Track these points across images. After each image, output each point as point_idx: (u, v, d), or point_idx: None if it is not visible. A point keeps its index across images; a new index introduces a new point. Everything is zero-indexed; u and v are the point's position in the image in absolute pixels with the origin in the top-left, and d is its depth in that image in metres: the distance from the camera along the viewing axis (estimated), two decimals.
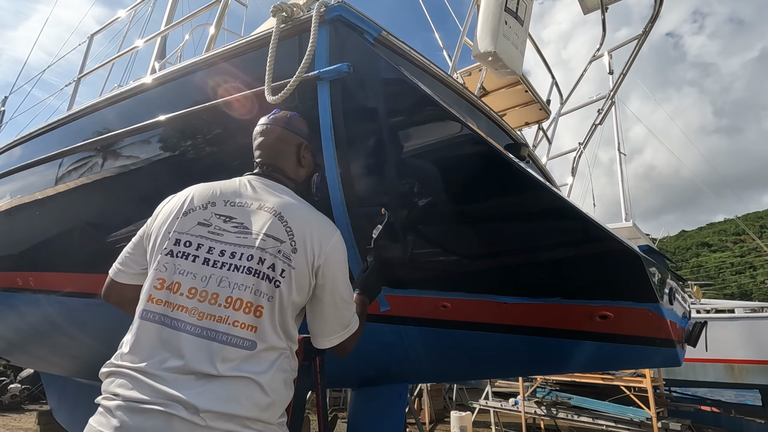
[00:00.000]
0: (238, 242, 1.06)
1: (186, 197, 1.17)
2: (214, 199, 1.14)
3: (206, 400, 0.90)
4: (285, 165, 1.30)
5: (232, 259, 1.04)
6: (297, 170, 1.33)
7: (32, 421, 7.25)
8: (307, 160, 1.35)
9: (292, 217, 1.11)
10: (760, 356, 7.99)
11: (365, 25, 1.56)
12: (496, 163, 1.48)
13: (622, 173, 10.79)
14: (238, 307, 0.99)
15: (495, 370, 2.79)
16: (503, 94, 3.51)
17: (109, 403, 0.93)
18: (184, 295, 1.01)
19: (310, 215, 1.16)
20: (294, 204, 1.17)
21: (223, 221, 1.10)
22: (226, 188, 1.18)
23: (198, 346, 0.96)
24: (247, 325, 0.99)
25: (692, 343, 1.81)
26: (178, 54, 4.25)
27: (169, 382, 0.91)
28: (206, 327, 0.98)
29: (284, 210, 1.12)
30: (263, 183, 1.22)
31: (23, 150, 3.16)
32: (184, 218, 1.11)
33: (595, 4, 3.55)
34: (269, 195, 1.17)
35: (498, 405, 7.89)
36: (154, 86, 2.21)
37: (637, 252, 1.43)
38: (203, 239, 1.07)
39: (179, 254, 1.06)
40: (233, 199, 1.14)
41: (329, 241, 1.13)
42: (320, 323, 1.16)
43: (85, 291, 2.67)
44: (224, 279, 1.02)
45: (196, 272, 1.03)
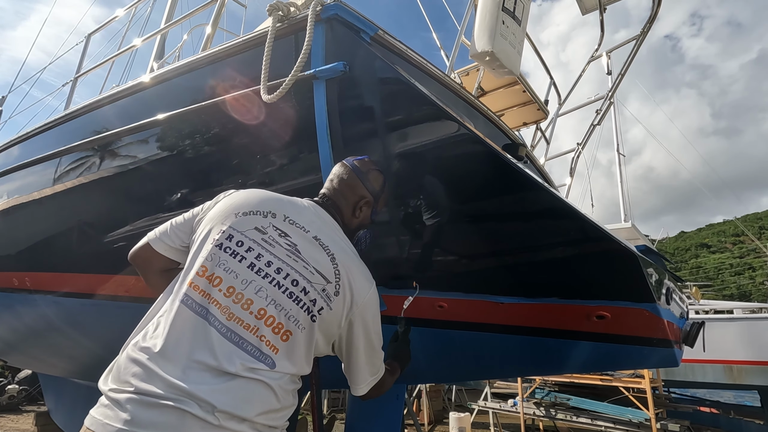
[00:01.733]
0: (287, 261, 1.06)
1: (248, 198, 1.17)
2: (276, 211, 1.14)
3: (223, 399, 0.90)
4: (343, 207, 1.31)
5: (277, 274, 1.04)
6: (350, 218, 1.33)
7: (30, 422, 7.23)
8: (363, 214, 1.36)
9: (342, 262, 1.12)
10: (759, 357, 7.99)
11: (361, 24, 1.56)
12: (494, 163, 1.48)
13: (621, 174, 10.81)
14: (269, 324, 1.00)
15: (493, 371, 2.78)
16: (501, 94, 3.50)
17: (118, 395, 0.90)
18: (222, 292, 1.01)
19: (357, 265, 1.18)
20: (346, 249, 1.19)
21: (278, 235, 1.10)
22: (288, 204, 1.19)
23: (222, 345, 0.96)
24: (272, 344, 0.99)
25: (690, 343, 1.80)
26: (177, 54, 4.24)
27: (189, 376, 0.91)
28: (233, 329, 0.98)
29: (337, 252, 1.13)
30: (321, 213, 1.23)
31: (21, 149, 3.15)
32: (243, 218, 1.11)
33: (594, 4, 3.55)
34: (325, 229, 1.18)
35: (497, 406, 7.89)
36: (152, 85, 2.20)
37: (634, 252, 1.43)
38: (255, 244, 1.07)
39: (228, 250, 1.06)
40: (293, 217, 1.15)
41: (367, 293, 1.15)
42: (354, 370, 1.20)
43: (82, 291, 2.66)
44: (263, 290, 1.02)
45: (238, 272, 1.03)
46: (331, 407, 9.42)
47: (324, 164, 1.55)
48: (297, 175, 1.76)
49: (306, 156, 1.69)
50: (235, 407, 0.91)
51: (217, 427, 0.88)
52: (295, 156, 1.76)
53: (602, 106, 3.75)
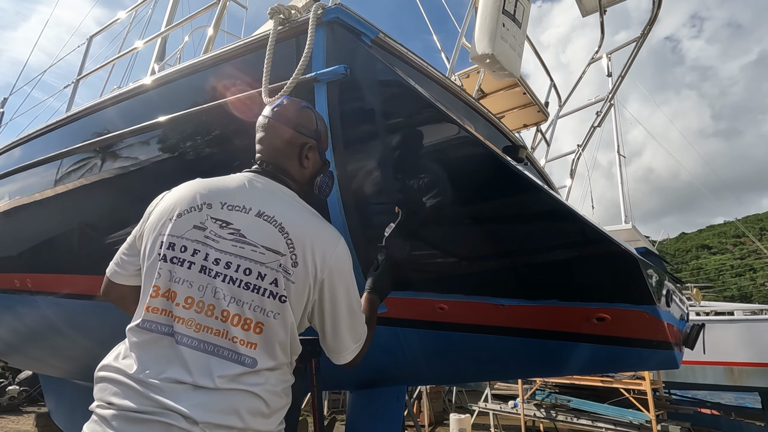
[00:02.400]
0: (234, 252, 0.99)
1: (180, 196, 1.09)
2: (211, 200, 1.05)
3: (204, 412, 0.87)
4: (287, 165, 1.20)
5: (227, 269, 0.97)
6: (300, 171, 1.22)
7: (30, 423, 7.24)
8: (311, 160, 1.23)
9: (293, 228, 1.02)
10: (760, 359, 7.98)
11: (362, 27, 1.56)
12: (494, 166, 1.48)
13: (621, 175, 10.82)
14: (237, 323, 0.95)
15: (493, 373, 2.78)
16: (501, 96, 3.51)
17: (105, 411, 0.90)
18: (180, 305, 0.96)
19: (312, 224, 1.08)
20: (296, 212, 1.09)
21: (219, 226, 1.02)
22: (223, 188, 1.09)
23: (196, 359, 0.92)
24: (246, 342, 0.95)
25: (690, 345, 1.80)
26: (178, 56, 4.26)
27: (166, 393, 0.88)
28: (204, 340, 0.94)
29: (285, 220, 1.03)
30: (264, 184, 1.13)
31: (22, 151, 3.16)
32: (179, 220, 1.04)
33: (594, 6, 3.56)
34: (270, 200, 1.08)
35: (497, 407, 7.88)
36: (153, 87, 2.21)
37: (633, 254, 1.43)
38: (199, 244, 1.00)
39: (174, 260, 0.99)
40: (231, 201, 1.05)
41: (332, 252, 1.06)
42: (335, 339, 1.10)
43: (83, 293, 2.66)
44: (219, 290, 0.96)
45: (192, 281, 0.98)
46: (332, 408, 9.41)
47: None
48: None
49: None
50: (219, 418, 0.88)
51: None
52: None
53: (602, 107, 3.76)
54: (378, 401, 2.44)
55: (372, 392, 2.45)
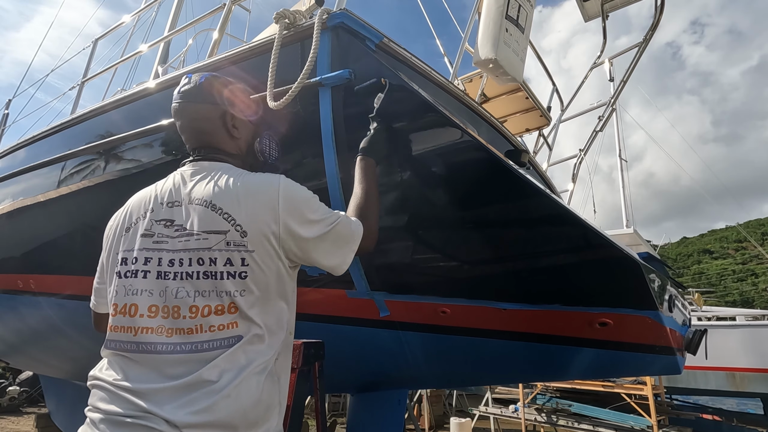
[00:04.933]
0: (182, 247, 0.97)
1: (125, 211, 1.10)
2: (152, 205, 1.05)
3: (185, 414, 0.87)
4: (217, 142, 1.14)
5: (181, 266, 0.96)
6: (233, 143, 1.16)
7: (30, 424, 7.23)
8: (239, 129, 1.17)
9: (224, 200, 0.99)
10: (762, 364, 7.95)
11: (367, 32, 1.57)
12: (496, 170, 1.49)
13: (623, 180, 10.81)
14: (207, 313, 0.93)
15: (494, 377, 2.78)
16: (504, 100, 3.52)
17: (93, 415, 0.94)
18: (144, 316, 0.95)
19: (243, 185, 1.02)
20: (222, 182, 1.03)
21: (164, 227, 1.01)
22: (161, 188, 1.08)
23: (174, 362, 0.92)
24: (225, 324, 0.94)
25: (692, 350, 1.80)
26: (182, 59, 4.28)
27: (147, 398, 0.89)
28: (179, 342, 0.93)
29: (214, 197, 1.00)
30: (195, 169, 1.09)
31: (26, 153, 3.18)
32: (127, 234, 1.04)
33: (596, 11, 3.58)
34: (199, 184, 1.04)
35: (498, 411, 7.86)
36: (157, 90, 2.22)
37: (636, 259, 1.44)
38: (150, 251, 0.99)
39: (129, 274, 0.99)
40: (169, 199, 1.04)
41: (275, 199, 1.01)
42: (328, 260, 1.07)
43: (85, 294, 2.66)
44: (181, 289, 0.95)
45: (152, 289, 0.96)
46: (332, 411, 9.39)
47: (329, 170, 1.57)
48: (302, 181, 1.77)
49: (311, 162, 1.70)
50: (200, 418, 0.88)
51: None
52: (300, 162, 1.77)
53: (604, 112, 3.77)
54: (379, 404, 2.44)
55: (373, 395, 2.45)
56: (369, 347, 1.99)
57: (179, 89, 1.16)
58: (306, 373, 1.40)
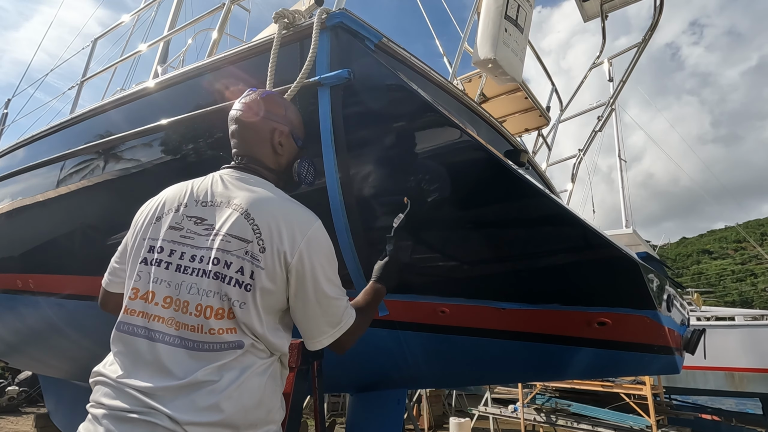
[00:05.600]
0: (207, 245, 1.00)
1: (159, 201, 1.13)
2: (186, 200, 1.08)
3: (187, 412, 0.88)
4: (260, 154, 1.19)
5: (200, 263, 0.99)
6: (275, 159, 1.20)
7: (29, 424, 7.22)
8: (285, 147, 1.21)
9: (259, 213, 1.02)
10: (761, 364, 7.96)
11: (366, 31, 1.57)
12: (495, 170, 1.49)
13: (622, 180, 10.82)
14: (209, 315, 0.95)
15: (494, 376, 2.78)
16: (503, 100, 3.52)
17: (96, 411, 0.94)
18: (159, 305, 0.98)
19: (282, 208, 1.06)
20: (264, 198, 1.06)
21: (194, 223, 1.04)
22: (197, 187, 1.11)
23: (177, 358, 0.93)
24: (225, 329, 0.95)
25: (690, 350, 1.80)
26: (181, 58, 4.28)
27: (151, 395, 0.90)
28: (183, 337, 0.95)
29: (252, 206, 1.03)
30: (236, 176, 1.13)
31: (26, 152, 3.18)
32: (158, 223, 1.07)
33: (595, 11, 3.58)
34: (239, 190, 1.08)
35: (497, 411, 7.86)
36: (157, 90, 2.22)
37: (634, 259, 1.44)
38: (175, 244, 1.02)
39: (153, 261, 1.02)
40: (204, 198, 1.07)
41: (304, 234, 1.03)
42: (306, 323, 1.07)
43: (84, 294, 2.67)
44: (193, 286, 0.97)
45: (170, 280, 0.99)
46: (332, 411, 9.39)
47: (328, 170, 1.57)
48: None
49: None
50: (202, 416, 0.89)
51: None
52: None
53: (604, 112, 3.77)
54: (378, 404, 2.44)
55: (372, 395, 2.45)
56: (368, 347, 1.98)
57: (241, 99, 1.23)
58: (304, 373, 1.40)
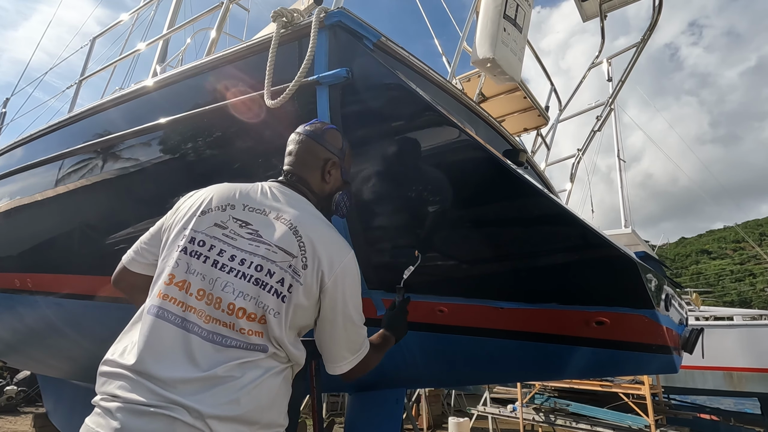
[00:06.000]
0: (249, 249, 1.04)
1: (207, 196, 1.16)
2: (234, 202, 1.13)
3: (210, 405, 0.89)
4: (309, 177, 1.26)
5: (241, 265, 1.02)
6: (321, 185, 1.28)
7: (28, 423, 7.21)
8: (333, 176, 1.30)
9: (306, 232, 1.08)
10: (760, 364, 7.97)
11: (364, 30, 1.57)
12: (494, 169, 1.49)
13: (621, 180, 10.82)
14: (242, 316, 0.98)
15: (492, 376, 2.78)
16: (502, 100, 3.52)
17: (109, 404, 0.91)
18: (193, 296, 1.00)
19: (326, 232, 1.13)
20: (311, 218, 1.14)
21: (239, 226, 1.08)
22: (247, 192, 1.17)
23: (205, 350, 0.95)
24: (254, 331, 0.99)
25: (689, 349, 1.81)
26: (180, 58, 4.27)
27: (172, 387, 0.90)
28: (213, 331, 0.97)
29: (300, 223, 1.09)
30: (284, 191, 1.20)
31: (24, 151, 3.17)
32: (202, 217, 1.10)
33: (594, 11, 3.58)
34: (288, 205, 1.14)
35: (496, 411, 7.86)
36: (155, 89, 2.22)
37: (633, 258, 1.44)
38: (217, 241, 1.06)
39: (192, 253, 1.05)
40: (252, 204, 1.13)
41: (341, 261, 1.10)
42: (330, 346, 1.14)
43: (83, 293, 2.67)
44: (229, 284, 1.00)
45: (205, 273, 1.02)
46: (330, 411, 9.39)
47: None
48: None
49: None
50: (224, 410, 0.90)
51: None
52: None
53: (602, 112, 3.77)
54: (377, 404, 2.44)
55: (371, 395, 2.45)
56: None
57: (306, 126, 1.33)
58: (302, 372, 1.40)
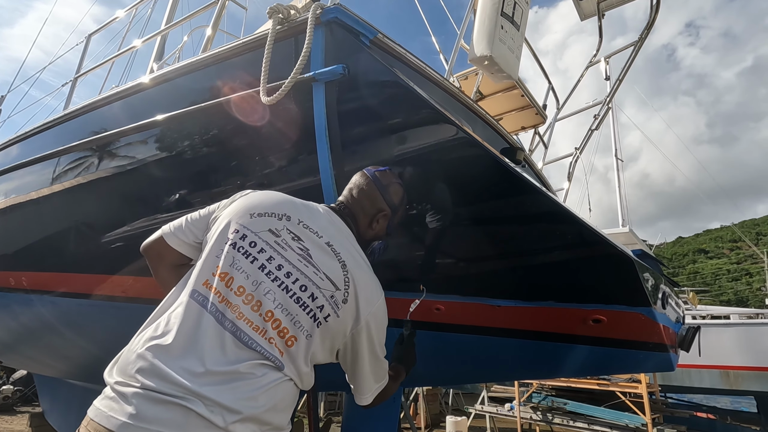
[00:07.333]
0: (297, 266, 1.06)
1: (265, 199, 1.18)
2: (291, 214, 1.15)
3: (229, 398, 0.90)
4: (359, 218, 1.30)
5: (287, 278, 1.04)
6: (366, 229, 1.32)
7: (24, 423, 7.19)
8: (379, 225, 1.34)
9: (353, 270, 1.11)
10: (756, 363, 8.00)
11: (361, 27, 1.56)
12: (492, 167, 1.48)
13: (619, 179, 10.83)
14: (275, 327, 1.00)
15: (489, 374, 2.78)
16: (500, 98, 3.52)
17: (124, 389, 0.91)
18: (233, 291, 1.01)
19: (367, 275, 1.17)
20: (358, 258, 1.18)
21: (291, 238, 1.10)
22: (304, 208, 1.19)
23: (232, 345, 0.97)
24: (278, 347, 1.00)
25: (685, 347, 1.81)
26: (177, 55, 4.25)
27: (194, 375, 0.90)
28: (242, 329, 0.98)
29: (348, 259, 1.12)
30: (336, 221, 1.23)
31: (19, 149, 3.15)
32: (258, 219, 1.12)
33: (592, 10, 3.58)
34: (339, 236, 1.18)
35: (494, 410, 7.88)
36: (151, 86, 2.21)
37: (630, 256, 1.44)
38: (268, 246, 1.07)
39: (241, 249, 1.06)
40: (307, 222, 1.14)
41: (376, 302, 1.14)
42: (360, 380, 1.19)
43: (79, 291, 2.65)
44: (271, 292, 1.02)
45: (249, 273, 1.03)
46: (328, 410, 9.39)
47: (323, 166, 1.56)
48: (296, 177, 1.76)
49: (305, 158, 1.69)
50: (242, 406, 0.91)
51: (221, 429, 0.88)
52: (294, 158, 1.76)
53: (600, 111, 3.77)
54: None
55: None
56: None
57: (376, 171, 1.36)
58: None
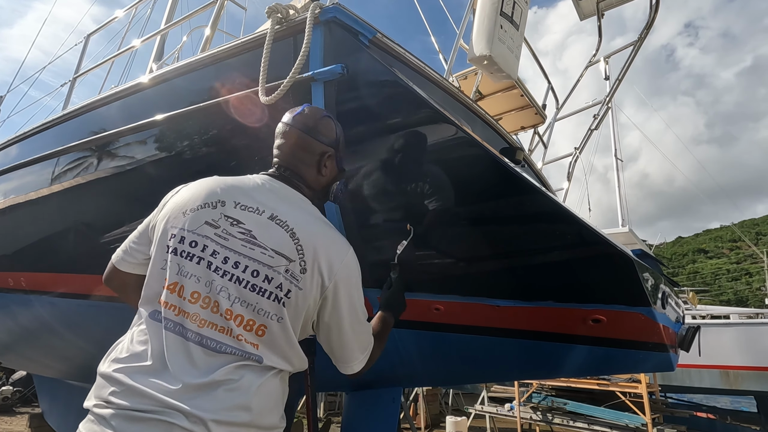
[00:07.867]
0: (243, 252, 1.00)
1: (196, 192, 1.09)
2: (225, 198, 1.06)
3: (209, 409, 0.87)
4: (304, 172, 1.19)
5: (235, 269, 0.98)
6: (317, 178, 1.21)
7: (24, 424, 7.18)
8: (328, 169, 1.23)
9: (304, 235, 1.03)
10: (756, 362, 8.01)
11: (360, 27, 1.56)
12: (491, 167, 1.48)
13: (619, 179, 10.84)
14: (239, 323, 0.96)
15: (489, 374, 2.78)
16: (499, 98, 3.52)
17: (103, 411, 0.89)
18: (187, 300, 0.97)
19: (323, 232, 1.08)
20: (308, 218, 1.09)
21: (230, 224, 1.02)
22: (238, 187, 1.10)
23: (201, 355, 0.93)
24: (250, 341, 0.96)
25: (685, 347, 1.80)
26: (176, 55, 4.24)
27: (171, 391, 0.88)
28: (208, 336, 0.94)
29: (297, 226, 1.04)
30: (278, 187, 1.14)
31: (18, 149, 3.15)
32: (193, 215, 1.04)
33: (591, 10, 3.58)
34: (283, 204, 1.08)
35: (494, 410, 7.87)
36: (150, 86, 2.20)
37: (630, 256, 1.43)
38: (209, 241, 1.01)
39: (183, 254, 1.00)
40: (244, 201, 1.06)
41: (341, 261, 1.06)
42: (341, 349, 1.11)
43: (77, 292, 2.65)
44: (224, 289, 0.97)
45: (200, 276, 0.98)
46: (328, 410, 9.38)
47: None
48: None
49: None
50: (223, 415, 0.89)
51: None
52: None
53: (600, 110, 3.77)
54: (374, 403, 2.43)
55: (368, 394, 2.44)
56: None
57: (295, 115, 1.21)
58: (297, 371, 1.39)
